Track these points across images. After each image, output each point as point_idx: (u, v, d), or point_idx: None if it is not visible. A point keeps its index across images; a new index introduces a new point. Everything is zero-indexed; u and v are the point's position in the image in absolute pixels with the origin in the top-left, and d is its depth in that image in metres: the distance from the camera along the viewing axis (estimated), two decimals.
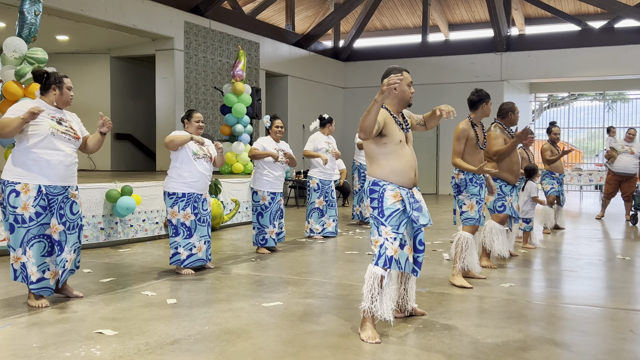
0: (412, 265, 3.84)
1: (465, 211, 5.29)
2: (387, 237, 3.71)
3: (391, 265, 3.69)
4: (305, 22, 18.84)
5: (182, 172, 5.58)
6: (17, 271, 4.39)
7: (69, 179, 4.48)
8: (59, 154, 4.38)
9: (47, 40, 12.19)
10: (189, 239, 5.63)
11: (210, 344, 3.57)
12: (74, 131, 4.53)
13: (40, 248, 4.39)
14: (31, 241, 4.34)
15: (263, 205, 6.84)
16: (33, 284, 4.37)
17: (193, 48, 12.84)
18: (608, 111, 20.95)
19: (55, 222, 4.40)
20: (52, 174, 4.35)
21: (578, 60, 15.95)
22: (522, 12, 17.89)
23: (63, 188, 4.44)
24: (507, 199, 6.04)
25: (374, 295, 3.69)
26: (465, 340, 3.68)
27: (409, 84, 3.93)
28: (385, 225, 3.72)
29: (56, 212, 4.40)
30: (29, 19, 7.00)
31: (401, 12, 18.90)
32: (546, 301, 4.71)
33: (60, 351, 3.42)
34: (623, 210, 11.66)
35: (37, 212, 4.32)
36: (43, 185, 4.33)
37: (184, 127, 5.86)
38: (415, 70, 17.33)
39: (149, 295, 4.82)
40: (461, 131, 5.26)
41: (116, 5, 11.03)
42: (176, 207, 5.59)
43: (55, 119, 4.44)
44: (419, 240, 3.87)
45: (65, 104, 4.53)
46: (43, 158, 4.32)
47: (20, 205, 4.29)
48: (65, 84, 4.50)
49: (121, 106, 14.40)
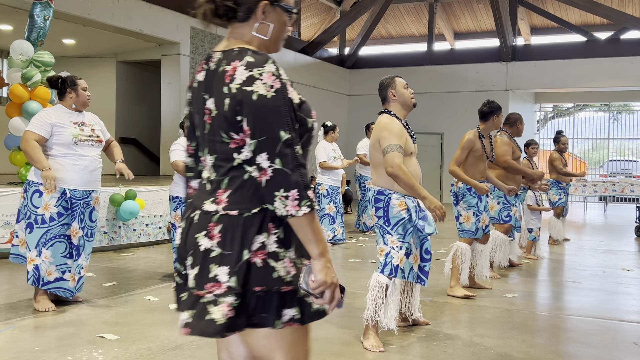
0: (416, 274, 3.84)
1: (462, 222, 5.21)
2: (393, 246, 3.71)
3: (397, 274, 3.68)
4: (311, 29, 18.88)
5: None
6: (29, 273, 4.35)
7: (93, 183, 4.51)
8: (85, 159, 4.42)
9: (54, 43, 12.24)
10: None
11: (213, 350, 3.56)
12: (96, 136, 4.56)
13: (61, 248, 4.37)
14: (50, 241, 4.32)
15: None
16: (51, 283, 4.34)
17: (199, 53, 12.87)
18: (613, 122, 20.92)
19: (76, 225, 4.42)
20: (77, 179, 4.39)
21: (583, 71, 15.94)
22: (528, 22, 17.90)
23: (86, 192, 4.46)
24: (513, 209, 6.04)
25: (378, 304, 3.69)
26: (469, 351, 3.67)
27: (405, 86, 3.91)
28: (392, 234, 3.71)
29: (77, 217, 4.42)
30: (38, 22, 7.03)
31: (407, 21, 18.93)
32: (550, 312, 4.68)
33: (62, 355, 3.41)
34: (628, 222, 11.63)
35: (59, 212, 4.33)
36: (67, 189, 4.36)
37: (184, 132, 5.78)
38: (421, 78, 17.35)
39: (152, 300, 4.81)
40: (467, 141, 5.20)
41: (123, 10, 11.08)
42: (179, 210, 5.59)
43: (77, 124, 4.46)
44: (425, 249, 3.86)
45: (83, 105, 4.55)
46: (68, 163, 4.36)
47: (41, 206, 4.31)
48: (80, 85, 4.52)
49: (126, 110, 14.44)
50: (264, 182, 1.60)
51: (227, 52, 1.71)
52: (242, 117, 1.63)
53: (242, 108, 1.62)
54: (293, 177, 1.58)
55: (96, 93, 13.83)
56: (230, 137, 1.67)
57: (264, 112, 1.61)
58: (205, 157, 1.77)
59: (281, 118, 1.61)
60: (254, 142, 1.61)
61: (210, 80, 1.72)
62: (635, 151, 22.71)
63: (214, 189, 1.73)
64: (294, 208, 1.59)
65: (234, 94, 1.63)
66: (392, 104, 3.89)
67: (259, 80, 1.63)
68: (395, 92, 3.87)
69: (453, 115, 16.83)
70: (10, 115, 6.92)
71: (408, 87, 3.94)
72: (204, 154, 1.77)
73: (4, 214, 6.39)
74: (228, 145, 1.68)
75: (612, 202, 18.18)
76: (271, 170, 1.59)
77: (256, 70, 1.64)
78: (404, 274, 3.71)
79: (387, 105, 3.91)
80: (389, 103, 3.89)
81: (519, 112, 6.10)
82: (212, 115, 1.70)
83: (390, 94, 3.87)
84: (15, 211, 6.45)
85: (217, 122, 1.68)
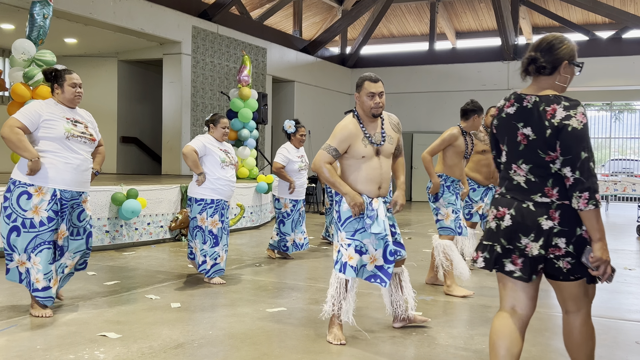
0: (372, 274, 3.79)
1: (441, 220, 5.16)
2: (342, 243, 3.75)
3: (345, 271, 3.69)
4: (312, 28, 18.88)
5: (210, 178, 5.40)
6: (23, 274, 4.18)
7: (83, 184, 4.28)
8: (77, 157, 4.18)
9: (56, 43, 12.25)
10: (215, 247, 5.44)
11: (214, 349, 3.56)
12: (89, 133, 4.31)
13: (48, 256, 4.15)
14: (39, 247, 4.10)
15: (285, 212, 6.76)
16: (39, 292, 4.14)
17: (200, 53, 12.88)
18: (615, 121, 20.88)
19: (63, 227, 4.21)
20: (68, 178, 4.15)
21: (585, 70, 15.62)
22: (529, 21, 17.88)
23: (77, 194, 4.24)
24: (475, 206, 6.08)
25: (338, 299, 3.74)
26: (470, 350, 3.67)
27: (369, 94, 3.73)
28: (341, 231, 3.76)
29: (66, 218, 4.20)
30: (38, 21, 7.03)
31: (408, 20, 18.92)
32: (552, 311, 4.68)
33: (64, 354, 3.42)
34: (630, 221, 11.62)
35: (49, 217, 4.09)
36: (58, 190, 4.12)
37: (208, 130, 5.61)
38: (422, 77, 17.35)
39: (153, 298, 4.81)
40: (449, 135, 5.14)
41: (125, 9, 11.08)
42: (204, 213, 5.40)
43: (71, 120, 4.21)
44: (389, 251, 3.76)
45: (70, 102, 4.24)
46: (60, 161, 4.12)
47: (30, 209, 4.07)
48: (68, 81, 4.21)
49: (128, 109, 14.45)
50: (568, 185, 2.44)
51: (544, 97, 2.54)
52: (558, 141, 2.44)
53: (560, 135, 2.43)
54: (586, 184, 2.39)
55: (98, 92, 13.87)
56: (547, 153, 2.49)
57: (574, 139, 2.41)
58: (520, 166, 2.58)
59: (583, 143, 2.41)
60: (564, 159, 2.43)
61: (525, 115, 2.56)
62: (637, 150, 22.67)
63: (537, 187, 2.53)
64: (584, 205, 2.39)
65: (555, 126, 2.44)
66: (357, 106, 3.84)
67: (574, 118, 2.42)
68: (358, 97, 3.79)
69: (455, 115, 16.72)
70: (12, 114, 6.93)
71: (379, 96, 3.74)
72: (518, 163, 2.59)
73: None
74: (544, 159, 2.50)
75: (614, 201, 18.17)
76: (572, 178, 2.42)
77: (572, 111, 2.44)
78: (356, 272, 3.70)
79: (356, 104, 3.87)
80: (356, 103, 3.85)
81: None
82: (530, 138, 2.53)
83: (355, 95, 3.83)
84: None
85: (535, 143, 2.51)
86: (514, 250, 2.55)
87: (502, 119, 2.65)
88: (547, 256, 2.51)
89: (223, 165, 5.45)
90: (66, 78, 4.22)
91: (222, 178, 5.44)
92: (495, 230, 2.61)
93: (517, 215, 2.54)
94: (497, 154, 2.76)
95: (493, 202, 2.68)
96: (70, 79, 4.23)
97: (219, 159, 5.44)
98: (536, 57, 2.61)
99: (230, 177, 5.52)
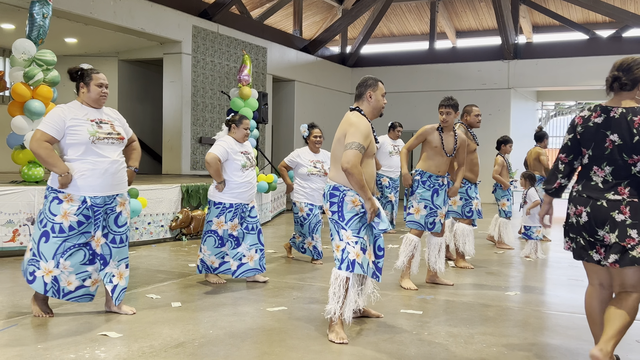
0: (372, 270, 3.89)
1: (411, 213, 5.33)
2: (348, 242, 3.77)
3: (354, 268, 3.73)
4: (312, 27, 18.88)
5: (230, 182, 5.34)
6: (48, 285, 4.04)
7: (116, 186, 4.16)
8: (104, 161, 4.07)
9: (56, 42, 12.25)
10: (237, 248, 5.40)
11: (215, 348, 3.57)
12: (117, 132, 4.22)
13: (80, 257, 4.08)
14: (69, 250, 4.03)
15: (302, 216, 6.69)
16: (70, 294, 4.10)
17: (201, 52, 12.88)
18: None
19: (99, 234, 4.12)
20: (97, 185, 4.04)
21: (585, 69, 15.91)
22: (530, 20, 17.88)
23: (110, 197, 4.14)
24: (474, 203, 6.32)
25: (340, 298, 3.76)
26: (471, 349, 3.67)
27: (384, 94, 4.05)
28: (346, 230, 3.78)
29: (100, 224, 4.11)
30: (37, 20, 7.03)
31: (409, 19, 18.92)
32: (552, 310, 4.69)
33: (65, 353, 3.42)
34: None
35: (79, 221, 4.03)
36: (88, 197, 4.04)
37: (228, 130, 5.57)
38: (422, 77, 17.34)
39: (154, 298, 4.82)
40: (422, 130, 5.38)
41: (125, 9, 11.08)
42: (223, 217, 5.34)
43: (95, 121, 4.11)
44: (377, 245, 3.94)
45: (95, 102, 4.17)
46: (87, 167, 4.01)
47: (60, 214, 4.00)
48: (95, 80, 4.15)
49: (128, 109, 14.43)
50: None
51: (630, 109, 3.04)
52: None
53: None
54: None
55: None
56: (630, 157, 3.00)
57: None
58: (602, 168, 3.08)
59: None
60: None
61: (612, 123, 3.04)
62: None
63: (612, 186, 3.04)
64: None
65: None
66: (365, 104, 3.97)
67: None
68: (373, 95, 3.95)
69: None
70: (13, 114, 6.94)
71: (385, 96, 4.08)
72: (601, 166, 3.08)
73: (6, 213, 6.40)
74: (627, 161, 3.01)
75: None
76: None
77: None
78: (362, 269, 3.75)
79: (360, 103, 3.98)
80: (362, 102, 3.98)
81: None
82: (616, 144, 3.02)
83: (368, 94, 3.95)
84: (18, 210, 6.48)
85: (620, 148, 3.01)
86: (595, 243, 3.09)
87: (589, 127, 3.12)
88: (625, 246, 2.97)
89: (244, 170, 5.39)
90: (93, 77, 4.17)
91: (242, 182, 5.37)
92: (575, 225, 3.15)
93: (592, 212, 3.06)
94: (575, 157, 3.21)
95: (572, 200, 3.17)
96: (97, 78, 4.18)
97: (240, 164, 5.37)
98: (619, 75, 3.09)
99: (251, 180, 5.45)
